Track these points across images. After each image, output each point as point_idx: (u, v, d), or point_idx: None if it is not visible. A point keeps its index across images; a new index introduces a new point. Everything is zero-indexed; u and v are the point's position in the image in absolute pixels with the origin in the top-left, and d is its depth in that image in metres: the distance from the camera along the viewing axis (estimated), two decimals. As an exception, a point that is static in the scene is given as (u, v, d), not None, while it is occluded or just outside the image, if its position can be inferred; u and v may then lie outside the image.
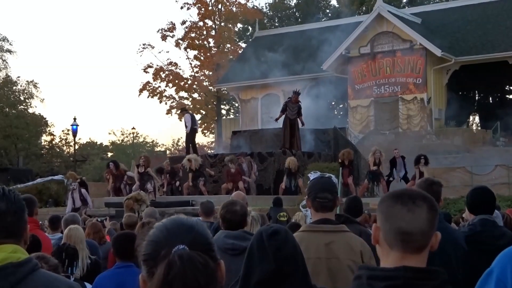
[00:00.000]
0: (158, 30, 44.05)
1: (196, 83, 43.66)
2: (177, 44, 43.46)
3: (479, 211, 5.19)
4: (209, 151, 40.02)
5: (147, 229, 1.97)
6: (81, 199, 20.19)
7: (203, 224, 1.92)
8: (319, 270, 4.04)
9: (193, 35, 43.36)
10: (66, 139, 51.51)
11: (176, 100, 43.83)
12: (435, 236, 2.27)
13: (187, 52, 44.26)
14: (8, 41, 46.34)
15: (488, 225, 5.10)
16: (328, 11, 53.79)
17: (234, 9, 43.97)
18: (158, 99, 43.86)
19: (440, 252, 4.69)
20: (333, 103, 38.35)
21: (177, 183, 22.74)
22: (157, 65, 43.68)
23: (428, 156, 21.74)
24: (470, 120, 39.83)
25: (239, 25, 51.34)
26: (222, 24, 43.59)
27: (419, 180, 5.23)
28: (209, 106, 44.53)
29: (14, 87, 46.55)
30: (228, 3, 43.75)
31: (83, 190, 20.34)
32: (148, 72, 43.65)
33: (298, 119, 22.68)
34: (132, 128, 59.52)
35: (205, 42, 43.77)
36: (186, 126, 23.96)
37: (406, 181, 21.49)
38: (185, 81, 43.58)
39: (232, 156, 21.54)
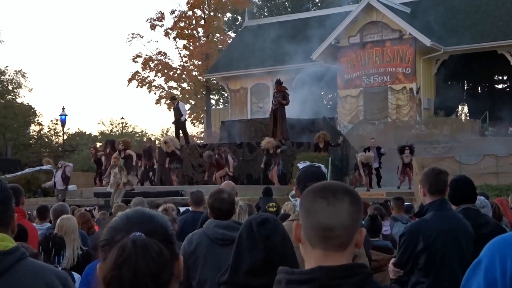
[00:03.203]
0: (147, 20, 43.91)
1: (185, 72, 43.54)
2: (166, 34, 43.32)
3: (461, 201, 5.22)
4: (198, 141, 39.96)
5: (110, 218, 1.97)
6: (62, 178, 20.09)
7: (165, 217, 1.92)
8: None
9: (182, 24, 43.20)
10: (54, 129, 51.30)
11: (165, 90, 43.76)
12: (359, 233, 2.11)
13: (176, 42, 44.18)
14: (-5, 30, 46.01)
15: (471, 214, 5.14)
16: (317, 0, 53.71)
17: (223, -2, 43.81)
18: (147, 89, 43.76)
19: (453, 239, 4.75)
20: (322, 93, 38.34)
21: (153, 162, 22.80)
22: (146, 55, 43.56)
23: (416, 146, 21.83)
24: (459, 110, 39.94)
25: (228, 15, 51.20)
26: (211, 13, 43.43)
27: (426, 170, 5.24)
28: (198, 96, 44.46)
29: (2, 77, 46.30)
30: (217, -8, 43.59)
31: (67, 169, 20.31)
32: (137, 62, 43.52)
33: (280, 105, 22.50)
34: (121, 118, 59.37)
35: (194, 32, 43.62)
36: (182, 115, 24.05)
37: (378, 177, 21.63)
38: (174, 70, 43.47)
39: (209, 152, 21.60)
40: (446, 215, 4.92)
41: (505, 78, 39.66)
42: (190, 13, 43.15)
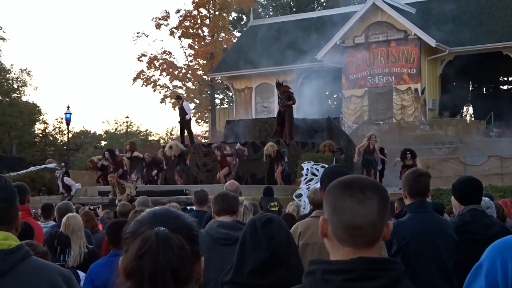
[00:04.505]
0: (153, 19, 43.97)
1: (190, 72, 43.59)
2: (171, 33, 43.38)
3: (469, 202, 5.20)
4: (202, 140, 39.99)
5: (138, 214, 2.00)
6: (63, 187, 20.46)
7: (191, 218, 1.93)
8: (324, 255, 3.99)
9: (187, 24, 43.26)
10: (59, 127, 51.33)
11: (170, 89, 43.81)
12: (387, 227, 2.11)
13: (181, 41, 44.24)
14: (1, 28, 46.11)
15: (478, 215, 5.12)
16: (322, 0, 53.69)
17: (228, -2, 43.88)
18: (152, 88, 43.83)
19: (428, 242, 4.73)
20: (327, 93, 38.33)
21: (154, 173, 22.81)
22: (151, 54, 43.63)
23: (421, 146, 21.77)
24: (464, 110, 39.89)
25: (234, 14, 51.22)
26: (217, 13, 43.47)
27: (407, 171, 5.23)
28: (203, 95, 44.50)
29: (8, 75, 46.35)
30: (222, -8, 43.63)
31: (65, 178, 20.59)
32: (142, 61, 43.61)
33: (287, 106, 22.63)
34: (126, 117, 59.36)
35: (199, 31, 43.67)
36: (187, 113, 24.08)
37: (381, 176, 21.55)
38: (179, 70, 43.52)
39: (219, 144, 21.74)
40: (423, 217, 4.87)
41: (510, 79, 39.59)
42: (195, 12, 43.21)
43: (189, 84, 44.41)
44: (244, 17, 50.98)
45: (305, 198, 15.98)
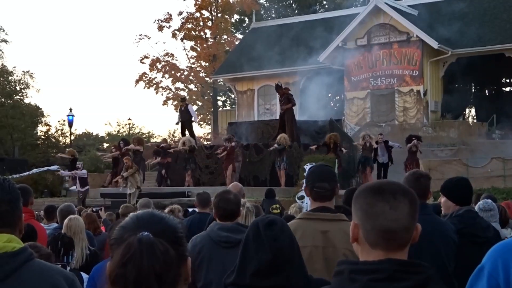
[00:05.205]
0: (155, 21, 44.03)
1: (192, 74, 43.61)
2: (174, 35, 43.41)
3: (466, 203, 5.18)
4: (205, 142, 39.99)
5: (123, 219, 2.00)
6: (80, 181, 20.51)
7: (175, 219, 1.93)
8: (315, 258, 3.98)
9: (189, 26, 43.28)
10: (62, 129, 51.43)
11: (172, 91, 43.82)
12: (415, 230, 2.16)
13: (184, 43, 44.31)
14: (3, 30, 46.20)
15: (476, 217, 5.11)
16: (325, 2, 53.69)
17: (230, 0, 43.91)
18: (154, 90, 43.84)
19: (428, 244, 4.71)
20: (329, 95, 38.31)
21: (163, 172, 22.81)
22: (154, 56, 43.65)
23: (423, 148, 21.77)
24: (466, 112, 39.84)
25: (236, 16, 51.24)
26: (219, 15, 43.49)
27: (407, 173, 5.21)
28: (205, 98, 44.51)
29: (10, 77, 46.42)
30: (224, -6, 43.66)
31: (84, 171, 20.74)
32: (145, 63, 43.66)
33: (286, 109, 22.73)
34: (128, 119, 59.44)
35: (202, 33, 43.69)
36: (192, 116, 24.19)
37: (386, 167, 21.56)
38: (182, 72, 43.54)
39: (230, 135, 21.84)
40: (423, 219, 4.83)
41: (512, 81, 39.56)
42: (197, 14, 43.23)
43: (192, 86, 44.45)
44: (247, 19, 51.00)
45: (307, 200, 16.01)
